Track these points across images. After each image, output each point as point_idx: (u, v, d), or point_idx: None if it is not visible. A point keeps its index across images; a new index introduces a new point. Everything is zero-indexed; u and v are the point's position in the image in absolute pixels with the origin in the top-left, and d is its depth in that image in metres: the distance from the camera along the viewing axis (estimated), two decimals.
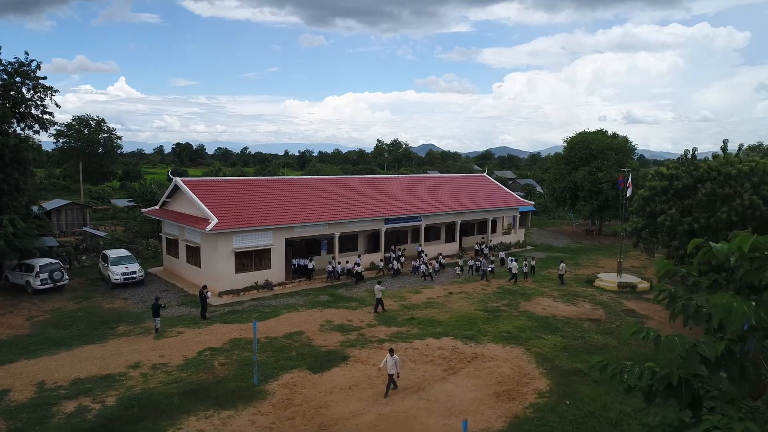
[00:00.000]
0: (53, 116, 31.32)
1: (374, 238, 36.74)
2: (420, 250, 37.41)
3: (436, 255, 37.55)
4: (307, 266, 32.05)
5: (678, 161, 26.90)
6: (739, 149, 27.41)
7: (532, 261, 35.10)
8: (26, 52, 29.55)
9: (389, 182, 42.61)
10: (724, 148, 25.76)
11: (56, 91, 30.70)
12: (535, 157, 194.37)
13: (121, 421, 15.19)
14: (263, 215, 30.46)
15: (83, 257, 37.05)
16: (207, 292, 24.94)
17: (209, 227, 27.42)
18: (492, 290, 30.75)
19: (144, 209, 38.28)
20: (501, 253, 39.17)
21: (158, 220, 36.83)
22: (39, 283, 28.01)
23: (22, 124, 30.39)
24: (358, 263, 33.24)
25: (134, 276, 30.01)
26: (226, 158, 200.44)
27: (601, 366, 5.74)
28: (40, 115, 30.63)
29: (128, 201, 54.93)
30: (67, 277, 29.64)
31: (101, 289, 29.89)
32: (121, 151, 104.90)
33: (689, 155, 25.80)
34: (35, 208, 32.64)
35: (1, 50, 29.38)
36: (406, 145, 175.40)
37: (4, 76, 29.05)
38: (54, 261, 29.64)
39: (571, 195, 53.37)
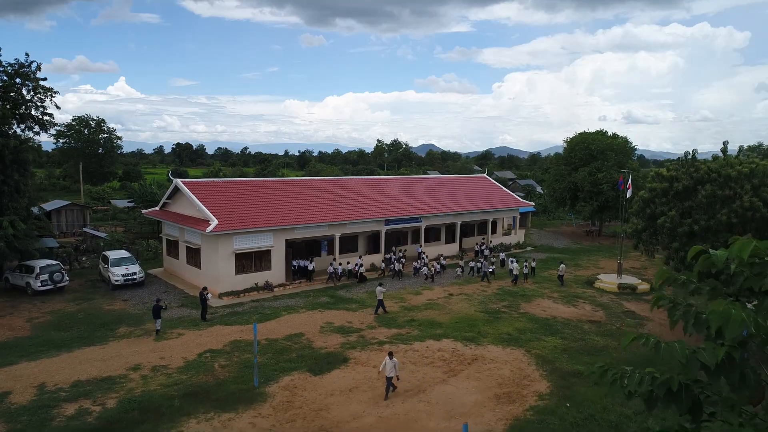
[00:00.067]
0: (53, 117, 31.38)
1: (374, 239, 36.74)
2: (420, 251, 37.42)
3: (437, 256, 37.55)
4: (307, 267, 32.06)
5: (678, 162, 26.90)
6: (740, 151, 27.42)
7: (532, 262, 35.09)
8: (26, 54, 29.58)
9: (389, 183, 42.61)
10: (724, 150, 25.75)
11: (56, 93, 30.75)
12: (535, 157, 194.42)
13: (121, 423, 15.19)
14: (263, 216, 30.46)
15: (83, 258, 37.03)
16: (207, 293, 24.94)
17: (209, 228, 27.42)
18: (492, 291, 30.75)
19: (144, 210, 38.26)
20: (501, 254, 39.16)
21: (158, 220, 36.82)
22: (39, 284, 28.01)
23: (22, 126, 30.40)
24: (361, 264, 33.26)
25: (134, 277, 30.01)
26: (226, 158, 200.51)
27: (601, 371, 5.75)
28: (40, 117, 30.64)
29: (128, 202, 54.89)
30: (68, 278, 29.62)
31: (101, 290, 29.88)
32: (121, 151, 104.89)
33: (689, 157, 25.80)
34: (35, 209, 32.63)
35: (1, 51, 29.37)
36: (406, 145, 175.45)
37: (5, 77, 29.06)
38: (54, 262, 29.62)
39: (571, 196, 53.36)
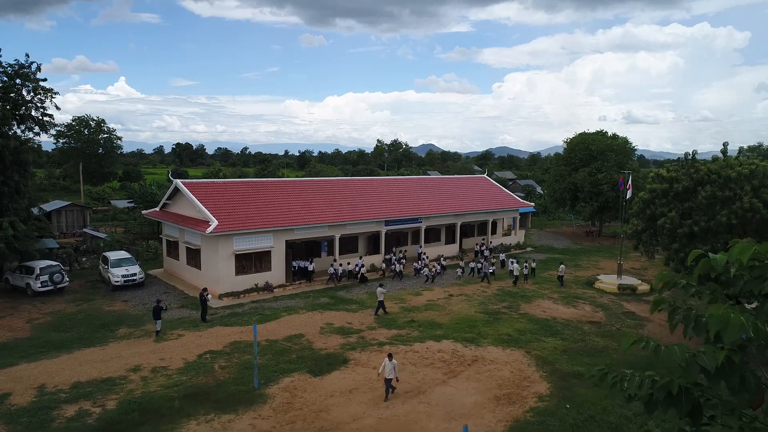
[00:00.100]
0: (53, 118, 31.39)
1: (374, 239, 36.74)
2: (420, 251, 37.42)
3: (437, 257, 37.55)
4: (307, 268, 32.06)
5: (678, 163, 26.91)
6: (740, 152, 27.45)
7: (532, 263, 35.10)
8: (27, 54, 29.55)
9: (389, 184, 42.60)
10: (725, 151, 25.77)
11: (56, 93, 30.74)
12: (535, 158, 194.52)
13: (121, 425, 15.19)
14: (263, 217, 30.46)
15: (83, 259, 37.02)
16: (207, 294, 24.95)
17: (209, 229, 27.42)
18: (492, 292, 30.75)
19: (144, 211, 38.25)
20: (501, 255, 39.16)
21: (158, 221, 36.81)
22: (39, 285, 28.01)
23: (22, 126, 30.40)
24: (362, 265, 33.24)
25: (134, 278, 30.00)
26: (226, 158, 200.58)
27: (601, 374, 5.76)
28: (40, 117, 30.64)
29: (128, 202, 54.85)
30: (68, 279, 29.62)
31: (101, 291, 29.88)
32: (121, 151, 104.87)
33: (689, 158, 25.81)
34: (35, 210, 32.63)
35: (1, 52, 29.38)
36: (406, 145, 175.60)
37: (5, 78, 29.07)
38: (54, 263, 29.61)
39: (571, 196, 53.38)
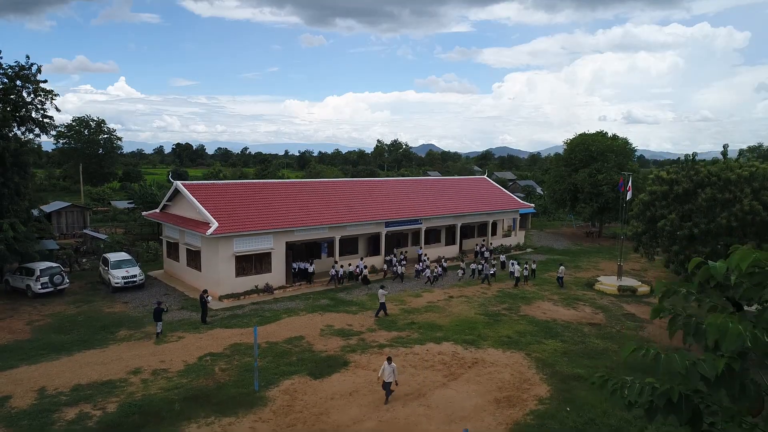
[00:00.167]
0: (53, 120, 31.40)
1: (374, 241, 36.74)
2: (421, 253, 37.42)
3: (437, 258, 37.55)
4: (307, 270, 32.07)
5: (678, 165, 26.91)
6: (740, 154, 27.46)
7: (533, 264, 35.11)
8: (27, 56, 29.58)
9: (389, 185, 42.61)
10: (725, 153, 25.79)
11: (56, 95, 30.77)
12: (535, 158, 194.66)
13: (122, 428, 15.20)
14: (264, 219, 30.47)
15: (83, 260, 37.02)
16: (207, 296, 24.95)
17: (210, 231, 27.42)
18: (492, 294, 30.76)
19: (144, 212, 38.25)
20: (502, 256, 39.15)
21: (158, 222, 36.81)
22: (39, 286, 28.01)
23: (23, 128, 30.42)
24: (365, 266, 33.22)
25: (135, 280, 30.00)
26: (226, 158, 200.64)
27: (601, 381, 5.77)
28: (41, 119, 30.65)
29: (128, 203, 54.84)
30: (68, 280, 29.63)
31: (102, 292, 29.88)
32: (121, 151, 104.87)
33: (689, 160, 25.82)
34: (35, 212, 32.64)
35: (1, 53, 29.43)
36: (406, 145, 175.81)
37: (5, 79, 29.08)
38: (54, 265, 29.59)
39: (571, 197, 53.40)
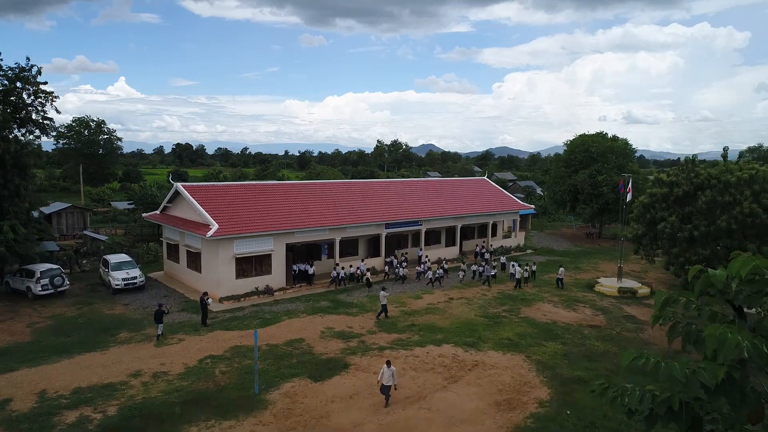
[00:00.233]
0: (53, 122, 31.37)
1: (375, 242, 36.75)
2: (421, 254, 37.43)
3: (437, 259, 37.55)
4: (307, 271, 32.08)
5: (678, 168, 26.90)
6: (740, 156, 27.47)
7: (533, 266, 35.11)
8: (27, 58, 29.58)
9: (389, 186, 42.60)
10: (725, 156, 25.77)
11: (57, 97, 30.73)
12: (535, 158, 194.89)
13: (122, 431, 15.21)
14: (264, 220, 30.47)
15: (84, 261, 37.03)
16: (208, 298, 24.96)
17: (210, 233, 27.42)
18: (492, 295, 30.76)
19: (145, 214, 38.27)
20: (502, 257, 39.16)
21: (159, 223, 36.81)
22: (40, 288, 28.02)
23: (23, 130, 30.41)
24: (367, 269, 33.20)
25: (135, 281, 30.00)
26: (226, 158, 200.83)
27: (601, 389, 5.77)
28: (41, 121, 30.63)
29: (128, 204, 54.86)
30: (68, 282, 29.63)
31: (102, 294, 29.88)
32: (121, 151, 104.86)
33: (690, 162, 25.80)
34: (35, 213, 32.63)
35: (1, 55, 29.42)
36: (406, 145, 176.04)
37: (5, 81, 29.07)
38: (55, 266, 29.58)
39: (572, 198, 53.41)
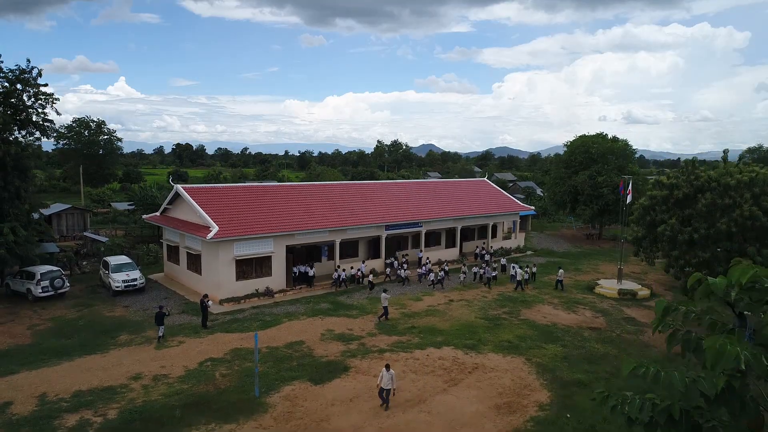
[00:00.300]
0: (53, 124, 31.37)
1: (375, 244, 36.75)
2: (422, 256, 37.43)
3: (437, 261, 37.54)
4: (307, 273, 32.08)
5: (678, 170, 26.90)
6: (740, 158, 27.49)
7: (533, 267, 35.12)
8: (28, 60, 29.60)
9: (389, 188, 42.62)
10: (725, 158, 25.77)
11: (57, 99, 30.74)
12: (535, 158, 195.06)
13: None
14: (264, 222, 30.48)
15: (84, 263, 37.04)
16: (208, 301, 24.96)
17: (210, 235, 27.42)
18: (492, 297, 30.76)
19: (145, 216, 38.28)
20: (502, 259, 39.15)
21: (159, 225, 36.82)
22: (40, 290, 28.02)
23: (23, 131, 30.41)
24: (370, 271, 33.19)
25: (135, 283, 29.99)
26: (226, 159, 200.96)
27: (602, 397, 5.79)
28: (41, 122, 30.64)
29: (129, 204, 54.89)
30: (68, 284, 29.64)
31: (102, 296, 29.89)
32: (121, 152, 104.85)
33: (690, 164, 25.80)
34: (35, 214, 32.64)
35: (1, 57, 29.41)
36: (406, 145, 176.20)
37: (5, 83, 29.08)
38: (55, 268, 29.60)
39: (572, 199, 53.42)
